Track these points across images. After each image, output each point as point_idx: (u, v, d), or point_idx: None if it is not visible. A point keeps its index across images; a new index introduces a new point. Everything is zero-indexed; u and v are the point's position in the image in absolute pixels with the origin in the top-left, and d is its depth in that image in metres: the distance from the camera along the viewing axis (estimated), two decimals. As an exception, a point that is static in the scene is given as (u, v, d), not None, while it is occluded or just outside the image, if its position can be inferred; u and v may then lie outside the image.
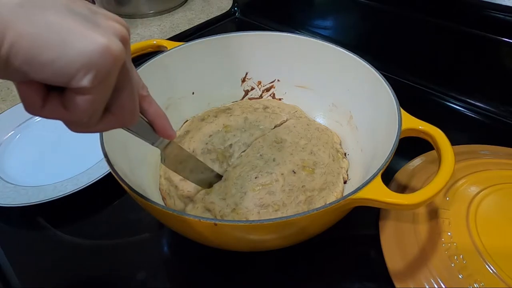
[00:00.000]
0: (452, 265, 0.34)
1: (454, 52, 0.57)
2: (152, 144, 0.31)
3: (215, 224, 0.29)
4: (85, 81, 0.19)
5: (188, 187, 0.41)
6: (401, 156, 0.43)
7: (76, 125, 0.22)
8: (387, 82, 0.40)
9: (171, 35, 0.78)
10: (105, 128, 0.23)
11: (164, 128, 0.29)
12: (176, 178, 0.42)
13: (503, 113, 0.55)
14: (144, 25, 0.84)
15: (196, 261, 0.39)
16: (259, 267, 0.38)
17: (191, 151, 0.44)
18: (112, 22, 0.20)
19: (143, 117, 0.28)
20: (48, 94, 0.20)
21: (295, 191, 0.39)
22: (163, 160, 0.34)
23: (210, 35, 0.50)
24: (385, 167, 0.32)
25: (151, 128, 0.29)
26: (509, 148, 0.47)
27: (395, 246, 0.37)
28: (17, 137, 0.53)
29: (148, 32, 0.81)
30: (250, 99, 0.54)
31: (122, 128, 0.26)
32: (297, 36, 0.50)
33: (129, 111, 0.24)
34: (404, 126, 0.35)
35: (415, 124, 0.36)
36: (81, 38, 0.18)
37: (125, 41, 0.21)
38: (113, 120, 0.23)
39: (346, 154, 0.46)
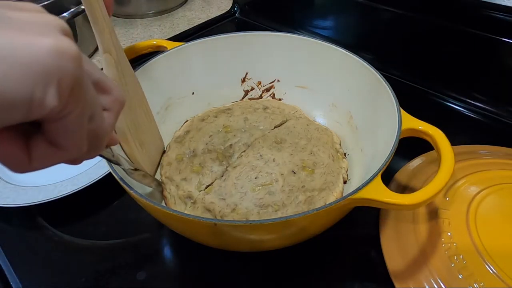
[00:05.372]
0: (452, 265, 0.34)
1: (454, 52, 0.57)
2: None
3: (215, 224, 0.29)
4: (51, 99, 0.14)
5: (189, 187, 0.41)
6: (401, 156, 0.43)
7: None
8: (387, 82, 0.40)
9: (171, 35, 0.78)
10: (43, 163, 0.17)
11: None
12: (177, 178, 0.42)
13: (503, 113, 0.55)
14: (144, 25, 0.83)
15: (196, 261, 0.39)
16: (259, 267, 0.38)
17: (191, 151, 0.44)
18: (43, 15, 0.16)
19: None
20: (28, 142, 0.16)
21: (295, 191, 0.39)
22: None
23: (210, 35, 0.50)
24: (385, 167, 0.32)
25: None
26: (509, 148, 0.47)
27: (395, 246, 0.37)
28: (17, 137, 0.53)
29: (148, 32, 0.81)
30: (250, 99, 0.54)
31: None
32: (297, 36, 0.50)
33: (75, 142, 0.17)
34: (404, 126, 0.35)
35: (415, 124, 0.36)
36: (17, 47, 0.14)
37: (70, 36, 0.16)
38: (51, 153, 0.17)
39: (346, 154, 0.46)
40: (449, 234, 0.36)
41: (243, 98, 0.55)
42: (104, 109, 0.20)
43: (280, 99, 0.54)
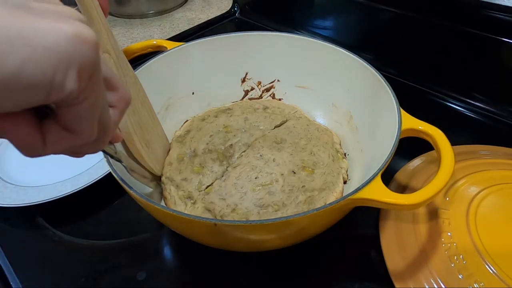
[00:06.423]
0: (452, 265, 0.34)
1: (454, 52, 0.57)
2: None
3: (215, 224, 0.29)
4: (71, 83, 0.15)
5: (189, 187, 0.41)
6: (401, 156, 0.43)
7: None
8: (387, 82, 0.40)
9: (171, 35, 0.78)
10: (56, 147, 0.18)
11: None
12: (177, 178, 0.42)
13: (503, 113, 0.55)
14: (144, 25, 0.83)
15: (196, 261, 0.39)
16: (259, 267, 0.38)
17: (192, 151, 0.45)
18: (61, 6, 0.16)
19: None
20: (42, 126, 0.17)
21: (295, 192, 0.39)
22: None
23: (210, 35, 0.50)
24: (385, 167, 0.32)
25: None
26: (509, 148, 0.47)
27: (395, 246, 0.37)
28: (17, 137, 0.53)
29: (148, 32, 0.81)
30: (250, 99, 0.54)
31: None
32: (297, 36, 0.50)
33: (87, 128, 0.18)
34: (404, 126, 0.35)
35: (415, 124, 0.36)
36: (40, 31, 0.14)
37: (87, 25, 0.17)
38: (64, 137, 0.18)
39: (346, 154, 0.46)
40: (449, 234, 0.36)
41: (243, 98, 0.55)
42: (110, 106, 0.21)
43: (280, 99, 0.54)
